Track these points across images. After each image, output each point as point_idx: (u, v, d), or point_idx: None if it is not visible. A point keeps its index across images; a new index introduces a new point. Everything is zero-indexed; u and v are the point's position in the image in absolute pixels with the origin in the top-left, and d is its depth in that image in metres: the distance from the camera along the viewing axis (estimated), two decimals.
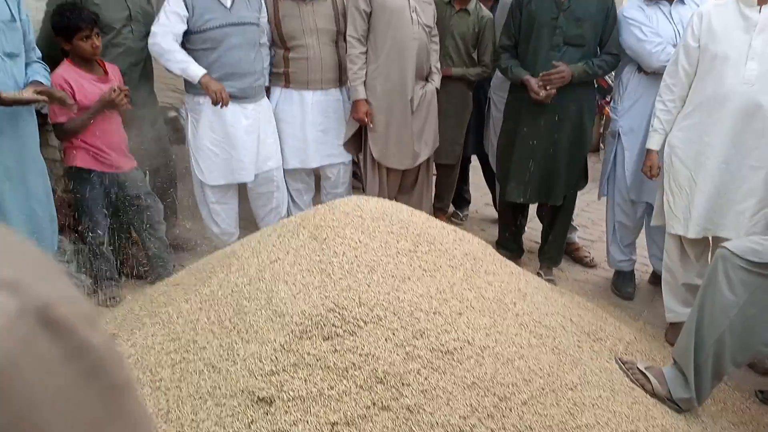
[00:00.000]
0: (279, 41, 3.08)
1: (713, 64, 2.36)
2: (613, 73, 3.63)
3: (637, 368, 2.05)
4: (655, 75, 2.76)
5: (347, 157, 3.34)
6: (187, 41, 2.80)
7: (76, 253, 2.96)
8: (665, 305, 2.68)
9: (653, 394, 1.99)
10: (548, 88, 2.75)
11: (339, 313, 1.66)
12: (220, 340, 1.68)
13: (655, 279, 3.13)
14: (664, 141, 2.55)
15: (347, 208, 2.08)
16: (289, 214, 3.42)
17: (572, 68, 2.75)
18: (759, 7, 2.27)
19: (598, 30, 2.80)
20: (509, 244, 3.27)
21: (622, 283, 3.12)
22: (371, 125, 3.11)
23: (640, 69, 2.86)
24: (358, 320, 1.65)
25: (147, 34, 2.91)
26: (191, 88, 2.88)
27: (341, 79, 3.21)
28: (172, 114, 3.72)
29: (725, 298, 1.90)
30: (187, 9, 2.74)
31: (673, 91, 2.50)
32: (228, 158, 2.97)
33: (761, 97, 2.27)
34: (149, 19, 2.91)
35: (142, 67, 2.92)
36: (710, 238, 2.55)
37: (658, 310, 2.84)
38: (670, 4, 2.77)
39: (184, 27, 2.76)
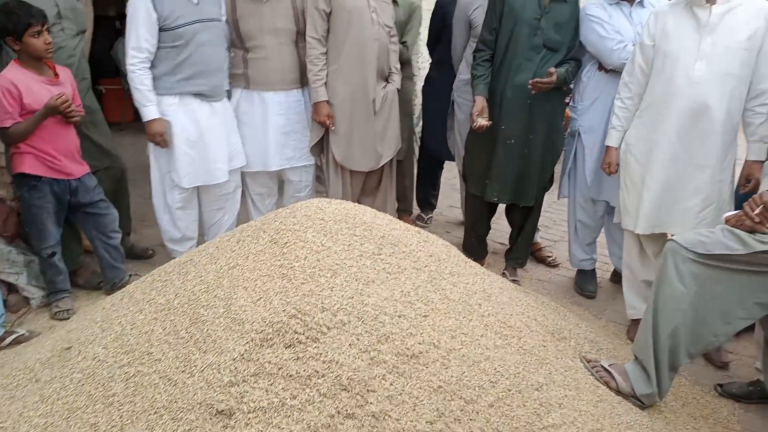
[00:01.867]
0: (238, 41, 3.02)
1: (665, 63, 2.41)
2: None
3: (601, 366, 2.06)
4: (614, 73, 2.81)
5: (310, 160, 3.28)
6: (158, 39, 2.74)
7: (26, 264, 2.83)
8: (626, 302, 2.72)
9: (617, 391, 2.01)
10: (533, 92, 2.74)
11: (301, 319, 1.61)
12: (176, 352, 1.62)
13: (616, 277, 3.17)
14: (623, 138, 2.60)
15: (309, 211, 2.03)
16: (250, 219, 3.35)
17: (558, 73, 2.75)
18: (709, 7, 2.33)
19: (570, 37, 2.83)
20: (475, 248, 3.26)
21: (585, 282, 3.16)
22: (333, 127, 3.06)
23: (600, 67, 2.90)
24: (320, 326, 1.61)
25: (79, 32, 2.85)
26: (160, 88, 2.81)
27: (302, 80, 3.16)
28: None
29: (676, 291, 1.93)
30: (156, 10, 2.69)
31: (631, 89, 2.55)
32: (204, 159, 2.92)
33: (708, 98, 2.33)
34: (79, 15, 2.85)
35: (76, 65, 2.81)
36: (668, 236, 2.60)
37: (620, 307, 2.88)
38: (631, 5, 2.83)
39: (157, 29, 2.72)
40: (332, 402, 1.48)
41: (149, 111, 2.79)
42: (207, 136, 2.90)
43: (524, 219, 3.09)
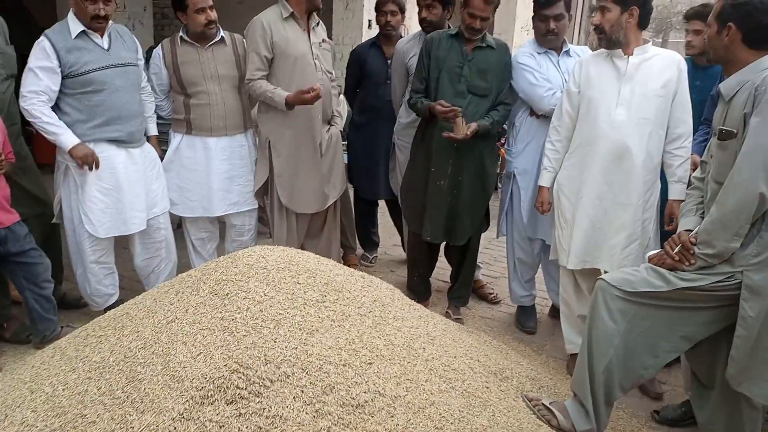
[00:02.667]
0: (178, 87, 3.00)
1: (589, 109, 2.58)
2: None
3: (543, 404, 2.11)
4: (545, 118, 2.95)
5: (254, 204, 3.27)
6: (65, 86, 2.66)
7: None
8: (564, 336, 2.81)
9: (559, 428, 2.06)
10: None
11: (243, 374, 1.58)
12: (112, 413, 1.55)
13: (555, 312, 3.27)
14: (555, 178, 2.73)
15: (251, 260, 2.01)
16: (191, 264, 3.28)
17: (480, 125, 2.84)
18: (627, 58, 2.51)
19: (498, 82, 2.96)
20: (418, 288, 3.30)
21: (525, 318, 3.24)
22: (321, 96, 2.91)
23: (531, 112, 3.04)
24: (263, 380, 1.59)
25: (8, 76, 2.76)
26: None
27: (246, 124, 3.16)
28: None
29: (607, 327, 2.03)
30: (57, 57, 2.60)
31: (560, 132, 2.71)
32: (120, 207, 2.81)
33: (628, 140, 2.49)
34: (9, 60, 2.77)
35: (5, 110, 2.72)
36: (602, 272, 2.72)
37: (559, 341, 2.96)
38: (558, 54, 3.00)
39: (59, 77, 2.63)
40: None
41: (66, 138, 2.65)
42: (123, 184, 2.80)
43: (461, 258, 3.17)
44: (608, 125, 2.52)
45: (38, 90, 2.60)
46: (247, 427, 1.48)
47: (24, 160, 2.87)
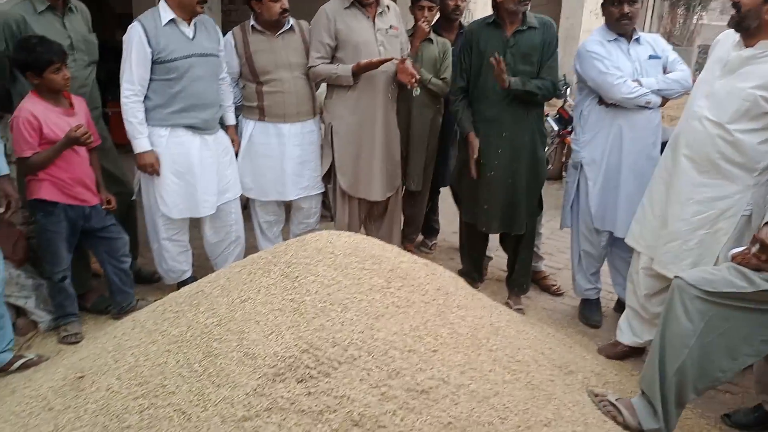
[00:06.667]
0: (251, 75, 3.07)
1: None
2: (573, 104, 3.75)
3: (608, 400, 2.08)
4: (614, 107, 2.86)
5: (322, 188, 3.34)
6: (151, 71, 2.78)
7: (35, 288, 2.85)
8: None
9: (625, 426, 2.02)
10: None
11: (313, 354, 1.64)
12: (190, 385, 1.64)
13: (620, 306, 3.18)
14: None
15: (319, 245, 2.06)
16: (258, 246, 3.38)
17: (512, 82, 2.77)
18: (743, 49, 2.26)
19: (539, 61, 2.87)
20: (471, 272, 3.29)
21: (589, 312, 3.17)
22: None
23: (600, 101, 2.94)
24: (332, 361, 1.63)
25: (91, 62, 2.92)
26: (152, 120, 2.85)
27: (314, 110, 3.22)
28: None
29: (683, 328, 1.96)
30: (150, 45, 2.73)
31: None
32: (192, 191, 2.93)
33: (688, 135, 2.35)
34: (91, 47, 2.91)
35: (88, 95, 2.87)
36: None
37: None
38: (628, 42, 2.89)
39: (149, 64, 2.76)
40: None
41: (140, 143, 2.82)
42: (197, 169, 2.92)
43: (517, 245, 3.12)
44: (688, 114, 2.40)
45: (133, 79, 2.76)
46: (316, 405, 1.53)
47: (104, 141, 3.03)
